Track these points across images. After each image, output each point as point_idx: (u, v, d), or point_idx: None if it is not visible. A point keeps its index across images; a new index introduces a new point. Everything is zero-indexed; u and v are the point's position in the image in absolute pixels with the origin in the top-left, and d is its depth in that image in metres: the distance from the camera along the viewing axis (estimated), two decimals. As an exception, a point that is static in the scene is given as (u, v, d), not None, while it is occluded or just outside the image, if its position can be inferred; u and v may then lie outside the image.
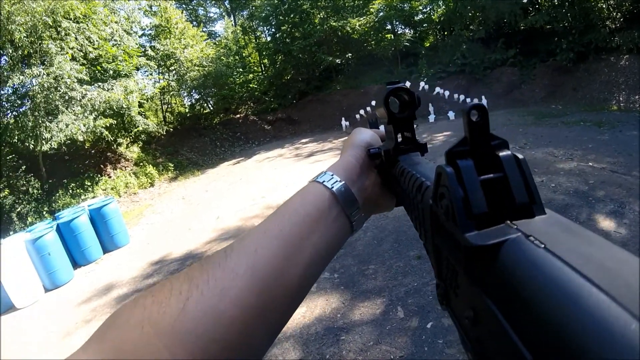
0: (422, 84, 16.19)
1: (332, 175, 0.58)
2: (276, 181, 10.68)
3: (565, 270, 0.18)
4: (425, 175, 0.42)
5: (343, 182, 0.57)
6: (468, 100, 15.01)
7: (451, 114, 14.68)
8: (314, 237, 0.51)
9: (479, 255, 0.23)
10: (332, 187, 0.56)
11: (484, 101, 14.35)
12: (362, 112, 16.71)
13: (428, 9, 21.99)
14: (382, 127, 0.70)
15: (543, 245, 0.20)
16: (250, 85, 22.92)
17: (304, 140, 17.58)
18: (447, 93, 15.39)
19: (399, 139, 0.58)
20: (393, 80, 0.57)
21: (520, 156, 0.27)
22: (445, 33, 21.42)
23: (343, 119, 17.41)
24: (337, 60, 20.33)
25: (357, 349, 3.61)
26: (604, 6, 15.76)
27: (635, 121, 10.18)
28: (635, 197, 5.44)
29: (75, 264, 7.45)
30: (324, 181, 0.57)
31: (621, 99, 12.72)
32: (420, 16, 22.42)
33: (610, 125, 10.10)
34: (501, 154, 0.27)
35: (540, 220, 0.24)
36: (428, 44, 21.96)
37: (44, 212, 11.02)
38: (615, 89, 13.19)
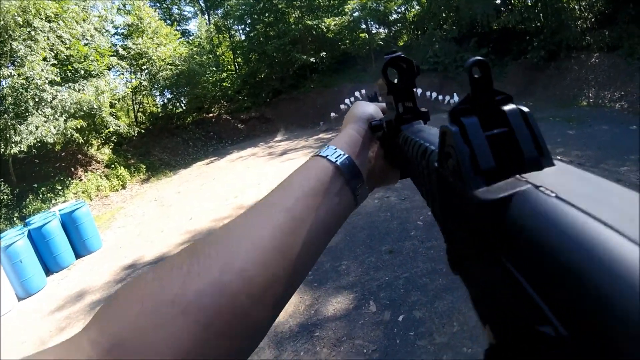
0: (395, 81, 16.37)
1: (335, 148, 0.58)
2: (249, 180, 10.71)
3: (579, 216, 0.17)
4: (428, 140, 0.42)
5: (347, 155, 0.57)
6: (440, 97, 15.24)
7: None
8: (319, 211, 0.50)
9: (490, 210, 0.22)
10: (336, 161, 0.55)
11: (456, 99, 14.59)
12: (342, 105, 16.80)
13: (402, 9, 22.18)
14: (381, 101, 0.71)
15: (554, 194, 0.20)
16: (224, 84, 22.80)
17: (277, 139, 17.65)
18: (419, 91, 15.34)
19: (400, 109, 0.57)
20: (391, 50, 0.57)
21: (525, 109, 0.28)
22: (419, 32, 21.64)
23: (321, 122, 17.48)
24: (311, 59, 20.37)
25: (331, 344, 3.71)
26: (576, 7, 16.19)
27: (605, 116, 10.52)
28: None
29: (48, 271, 7.33)
30: (327, 155, 0.56)
31: (591, 95, 13.05)
32: (395, 16, 22.62)
33: (579, 120, 10.50)
34: (506, 108, 0.28)
35: (549, 171, 0.24)
36: (402, 43, 22.15)
37: (15, 219, 10.79)
38: (585, 85, 13.53)
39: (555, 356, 0.17)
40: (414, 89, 0.57)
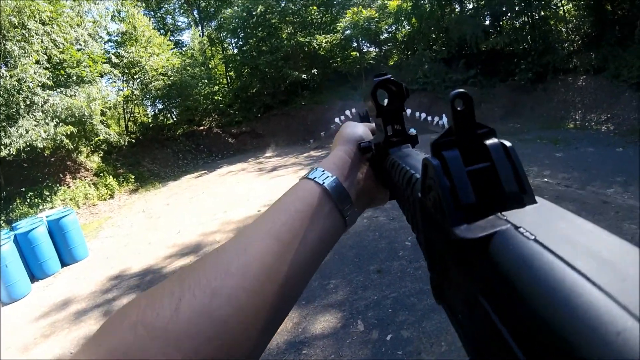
0: (386, 100, 16.51)
1: (323, 171, 0.57)
2: (239, 195, 10.70)
3: (557, 263, 0.17)
4: (415, 167, 0.42)
5: (334, 177, 0.56)
6: (429, 118, 15.41)
7: (412, 131, 14.91)
8: (307, 234, 0.50)
9: (469, 247, 0.23)
10: (323, 183, 0.55)
11: (444, 119, 14.77)
12: (333, 125, 16.90)
13: (393, 28, 22.48)
14: (372, 121, 0.71)
15: (533, 237, 0.20)
16: (215, 97, 22.81)
17: (267, 155, 17.66)
18: (409, 111, 15.57)
19: (389, 132, 0.57)
20: (380, 72, 0.57)
21: (508, 144, 0.27)
22: (409, 52, 21.93)
23: (311, 140, 17.59)
24: (302, 76, 20.51)
25: (318, 363, 3.71)
26: (563, 29, 16.64)
27: (591, 138, 10.70)
28: (588, 211, 5.81)
29: (33, 277, 7.26)
30: (314, 177, 0.56)
31: (577, 117, 13.27)
32: (386, 35, 22.92)
33: (566, 142, 10.64)
34: (488, 142, 0.27)
35: (531, 209, 0.24)
36: (392, 62, 22.45)
37: (1, 222, 10.65)
38: (572, 107, 13.77)
39: None
40: (403, 112, 0.58)
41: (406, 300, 4.42)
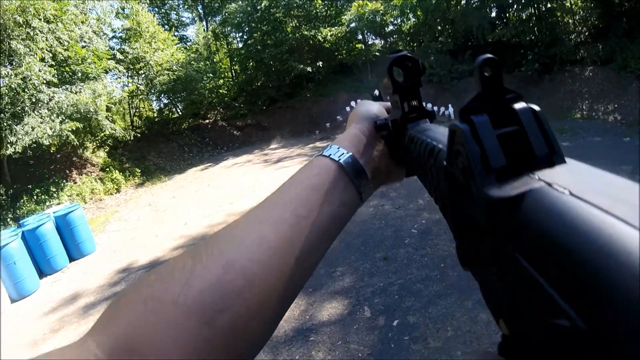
0: (401, 78, 16.49)
1: (338, 148, 0.57)
2: (244, 187, 10.74)
3: (594, 212, 0.17)
4: (436, 139, 0.42)
5: (350, 153, 0.56)
6: (435, 108, 15.34)
7: (430, 107, 15.01)
8: (323, 209, 0.50)
9: (503, 208, 0.22)
10: (339, 159, 0.55)
11: (451, 109, 14.72)
12: (339, 116, 16.91)
13: (399, 20, 22.37)
14: (385, 101, 0.71)
15: (567, 191, 0.20)
16: (220, 91, 22.81)
17: (273, 147, 17.67)
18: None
19: (406, 108, 0.57)
20: (396, 49, 0.57)
21: (536, 108, 0.27)
22: (415, 44, 21.83)
23: (317, 131, 17.63)
24: (308, 69, 20.44)
25: (326, 349, 3.76)
26: (570, 21, 16.47)
27: (598, 128, 10.65)
28: None
29: (41, 273, 7.29)
30: (330, 154, 0.56)
31: (584, 107, 13.19)
32: (391, 27, 22.81)
33: (573, 132, 10.60)
34: (517, 106, 0.27)
35: (561, 168, 0.24)
36: (398, 55, 22.33)
37: (8, 219, 10.74)
38: (578, 98, 13.68)
39: (574, 349, 0.17)
40: (420, 87, 0.57)
41: (412, 286, 4.42)
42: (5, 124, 10.79)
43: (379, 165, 0.60)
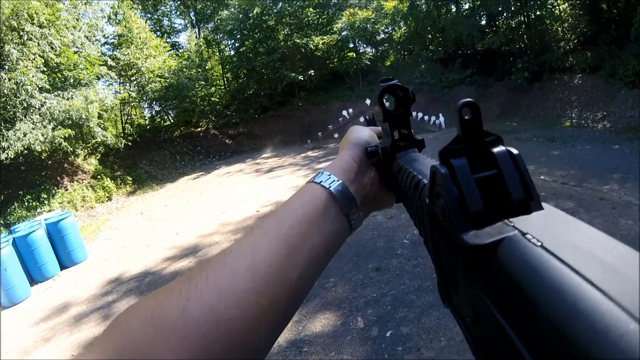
0: (391, 108, 16.57)
1: (329, 175, 0.57)
2: (236, 196, 10.73)
3: (562, 269, 0.18)
4: (422, 172, 0.43)
5: (341, 181, 0.56)
6: (426, 117, 15.46)
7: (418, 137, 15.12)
8: (313, 237, 0.51)
9: (476, 254, 0.23)
10: (330, 187, 0.55)
11: (442, 118, 14.84)
12: (330, 126, 16.92)
13: (389, 29, 22.54)
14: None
15: (540, 243, 0.20)
16: (212, 99, 22.79)
17: (265, 156, 17.68)
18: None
19: (396, 136, 0.58)
20: (386, 78, 0.57)
21: (514, 151, 0.28)
22: (405, 53, 22.00)
23: (309, 140, 17.65)
24: (299, 77, 20.57)
25: (320, 360, 3.75)
26: (559, 29, 16.72)
27: (587, 136, 10.76)
28: (585, 207, 5.87)
29: (32, 281, 7.25)
30: (321, 181, 0.56)
31: (574, 115, 13.37)
32: (382, 35, 22.99)
33: (562, 140, 10.72)
34: (495, 150, 0.28)
35: (537, 216, 0.25)
36: (389, 63, 22.51)
37: (-1, 226, 10.67)
38: (568, 106, 13.87)
39: None
40: (410, 116, 0.58)
41: (405, 297, 4.45)
42: (-4, 129, 10.72)
43: (370, 192, 0.61)
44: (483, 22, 18.74)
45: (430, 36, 20.72)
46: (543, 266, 0.19)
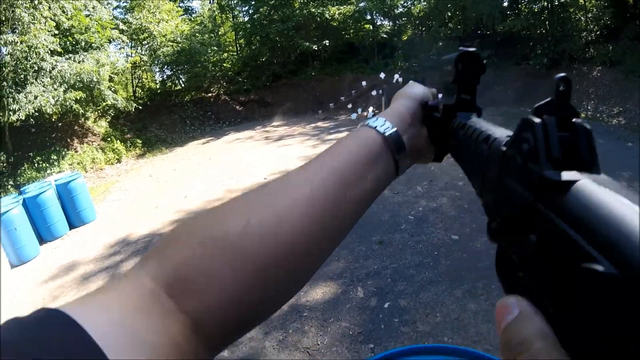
0: (396, 76, 16.29)
1: (384, 120, 0.59)
2: (245, 163, 10.76)
3: (627, 201, 0.21)
4: (489, 129, 0.46)
5: (395, 129, 0.58)
6: (440, 96, 15.28)
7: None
8: (366, 178, 0.53)
9: (556, 188, 0.27)
10: (385, 132, 0.57)
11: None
12: (342, 97, 16.81)
13: (408, 3, 22.12)
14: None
15: (607, 188, 0.24)
16: (224, 65, 22.58)
17: (275, 124, 17.58)
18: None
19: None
20: (466, 44, 0.60)
21: (588, 127, 0.32)
22: (423, 28, 21.61)
23: (320, 111, 17.56)
24: (314, 47, 20.28)
25: (318, 325, 3.91)
26: (583, 18, 16.29)
27: (601, 130, 10.62)
28: None
29: (42, 240, 7.37)
30: (376, 126, 0.58)
31: (589, 107, 13.07)
32: (401, 9, 22.53)
33: (576, 132, 10.51)
34: (575, 120, 0.32)
35: (599, 177, 0.28)
36: (406, 38, 22.11)
37: (9, 187, 10.84)
38: (584, 97, 13.51)
39: (606, 293, 0.19)
40: (477, 85, 0.60)
41: (405, 271, 4.53)
42: (7, 91, 10.76)
43: (416, 144, 0.63)
44: (505, 4, 18.23)
45: (450, 13, 20.14)
46: (610, 199, 0.22)
